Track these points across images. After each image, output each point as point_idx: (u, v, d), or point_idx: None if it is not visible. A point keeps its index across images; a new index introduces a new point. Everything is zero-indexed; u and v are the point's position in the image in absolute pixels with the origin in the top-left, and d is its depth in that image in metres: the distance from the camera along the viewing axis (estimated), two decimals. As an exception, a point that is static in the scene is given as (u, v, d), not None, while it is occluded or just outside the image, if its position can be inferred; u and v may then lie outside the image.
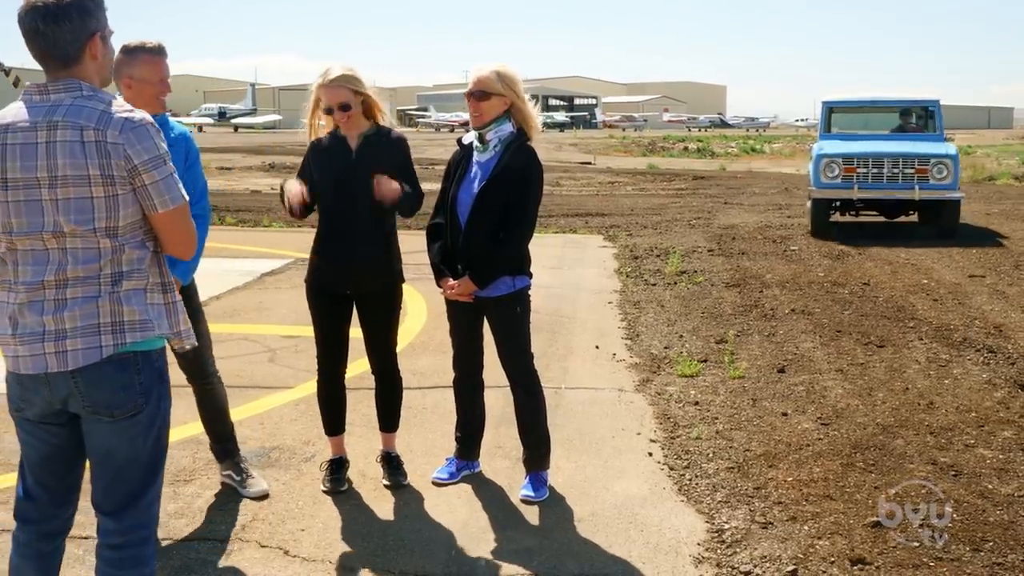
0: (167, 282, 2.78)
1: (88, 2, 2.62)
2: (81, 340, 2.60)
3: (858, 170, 13.40)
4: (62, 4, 2.57)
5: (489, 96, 4.23)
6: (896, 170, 13.37)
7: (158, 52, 4.03)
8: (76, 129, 2.54)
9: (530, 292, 4.47)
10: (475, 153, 4.36)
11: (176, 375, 4.33)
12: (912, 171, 13.29)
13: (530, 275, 4.43)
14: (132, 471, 2.74)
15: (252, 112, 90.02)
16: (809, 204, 14.05)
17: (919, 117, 15.43)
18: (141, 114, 2.62)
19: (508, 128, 4.29)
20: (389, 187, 4.13)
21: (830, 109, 15.48)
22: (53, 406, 2.69)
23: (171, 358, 4.35)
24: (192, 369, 4.42)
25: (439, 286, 4.44)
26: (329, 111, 4.26)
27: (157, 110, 4.06)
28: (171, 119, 4.30)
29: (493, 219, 4.24)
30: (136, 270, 2.67)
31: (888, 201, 13.88)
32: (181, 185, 2.68)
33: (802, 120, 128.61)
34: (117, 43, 3.98)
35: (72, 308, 2.60)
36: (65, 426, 2.74)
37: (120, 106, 2.61)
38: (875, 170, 13.40)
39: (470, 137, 4.41)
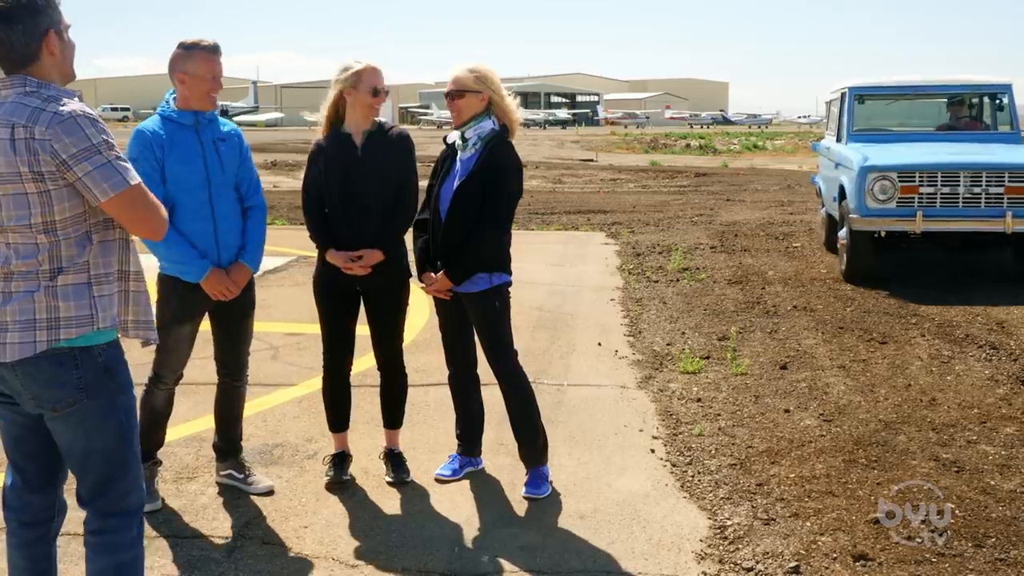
0: (124, 271, 2.79)
1: (38, 1, 2.62)
2: (19, 334, 2.64)
3: (922, 190, 9.11)
4: (10, 6, 2.57)
5: (464, 94, 4.29)
6: (978, 189, 9.06)
7: (213, 50, 4.10)
8: (8, 127, 2.57)
9: (510, 290, 4.49)
10: (458, 151, 4.39)
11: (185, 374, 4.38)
12: (1001, 190, 9.03)
13: (509, 272, 4.45)
14: (94, 464, 2.78)
15: (254, 110, 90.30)
16: (844, 235, 9.64)
17: (971, 107, 11.51)
18: (73, 106, 2.60)
19: (488, 125, 4.33)
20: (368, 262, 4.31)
21: (858, 98, 11.04)
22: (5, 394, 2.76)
23: (208, 352, 4.40)
24: (230, 363, 4.46)
25: (420, 281, 4.47)
26: (376, 93, 4.31)
27: (207, 106, 4.16)
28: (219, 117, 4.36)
29: (470, 216, 4.27)
30: (75, 264, 2.68)
31: (964, 234, 9.42)
32: (127, 171, 2.63)
33: (805, 116, 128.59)
34: (173, 41, 4.11)
35: (13, 302, 2.65)
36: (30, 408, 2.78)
37: (59, 100, 2.60)
38: (946, 189, 9.10)
39: (453, 136, 4.46)
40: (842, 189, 9.88)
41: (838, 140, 11.19)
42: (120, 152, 2.66)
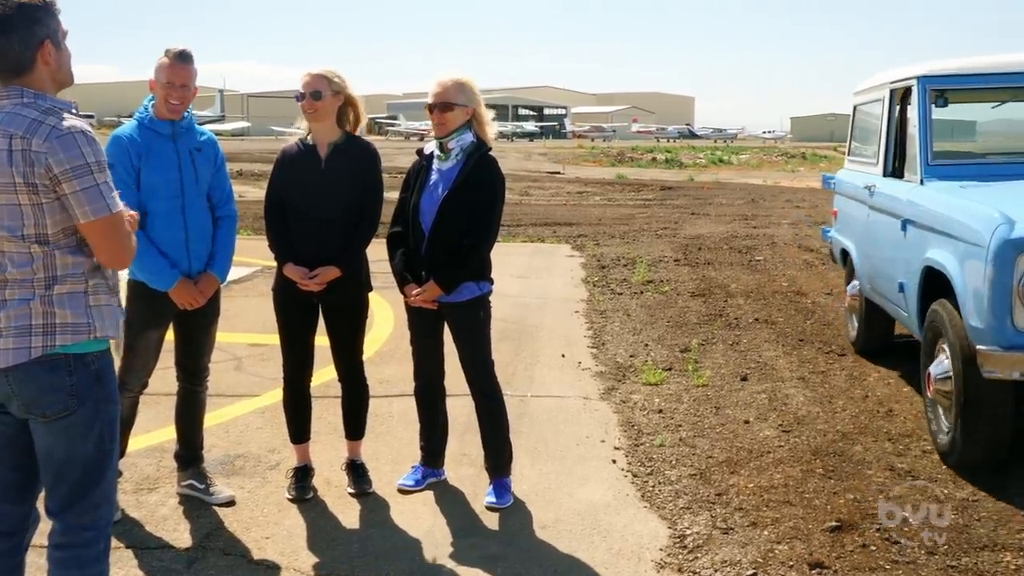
0: (113, 284, 2.82)
1: (36, 11, 2.63)
2: (13, 340, 2.65)
3: None
4: (7, 15, 2.58)
5: (452, 107, 4.30)
6: None
7: (175, 57, 4.12)
8: (5, 137, 2.58)
9: (491, 299, 4.52)
10: (435, 162, 4.42)
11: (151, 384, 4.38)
12: None
13: (491, 281, 4.48)
14: (71, 472, 2.77)
15: (220, 119, 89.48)
16: (947, 377, 4.89)
17: None
18: (72, 122, 2.61)
19: (469, 137, 4.36)
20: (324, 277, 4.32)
21: (937, 95, 5.99)
22: None
23: (170, 362, 4.41)
24: (190, 368, 4.48)
25: (403, 293, 4.47)
26: (300, 97, 4.29)
27: (165, 114, 4.16)
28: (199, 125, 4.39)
29: (457, 226, 4.29)
30: (72, 274, 2.70)
31: None
32: (112, 198, 2.65)
33: (769, 132, 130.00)
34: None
35: (8, 309, 2.66)
36: (14, 417, 2.77)
37: (58, 114, 2.62)
38: None
39: (431, 147, 4.47)
40: (929, 276, 5.29)
41: (893, 174, 6.55)
42: (109, 176, 2.67)
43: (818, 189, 26.60)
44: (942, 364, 4.98)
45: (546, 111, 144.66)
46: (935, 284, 5.22)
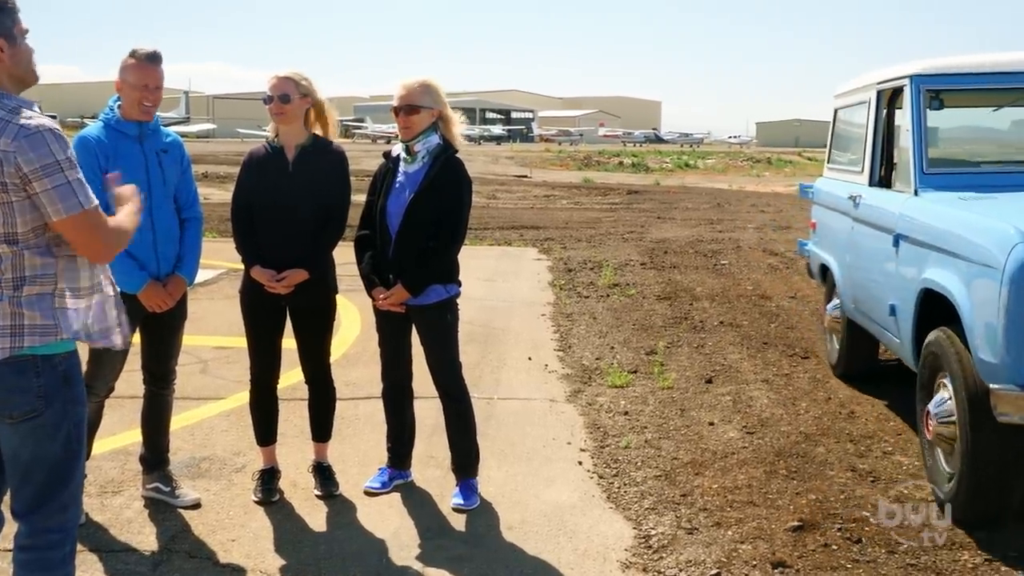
0: (86, 286, 2.79)
1: None
2: None
3: None
4: None
5: (418, 110, 4.31)
6: None
7: (145, 59, 4.08)
8: None
9: (458, 301, 4.54)
10: (402, 164, 4.43)
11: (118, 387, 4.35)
12: None
13: (459, 283, 4.50)
14: (38, 474, 2.75)
15: (185, 120, 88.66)
16: (939, 413, 4.37)
17: None
18: (40, 120, 2.61)
19: (435, 139, 4.37)
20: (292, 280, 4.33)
21: (932, 96, 5.30)
22: None
23: (136, 365, 4.37)
24: (157, 372, 4.45)
25: (371, 296, 4.48)
26: (268, 100, 4.29)
27: (138, 116, 4.13)
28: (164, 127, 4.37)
29: (424, 229, 4.31)
30: (40, 276, 2.68)
31: None
32: (84, 192, 2.65)
33: (735, 136, 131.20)
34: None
35: None
36: None
37: (24, 113, 2.60)
38: None
39: (398, 149, 4.48)
40: (927, 299, 4.68)
41: (880, 183, 5.99)
42: (80, 173, 2.65)
43: (783, 194, 26.95)
44: (943, 402, 4.36)
45: (513, 115, 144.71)
46: (935, 308, 4.57)
